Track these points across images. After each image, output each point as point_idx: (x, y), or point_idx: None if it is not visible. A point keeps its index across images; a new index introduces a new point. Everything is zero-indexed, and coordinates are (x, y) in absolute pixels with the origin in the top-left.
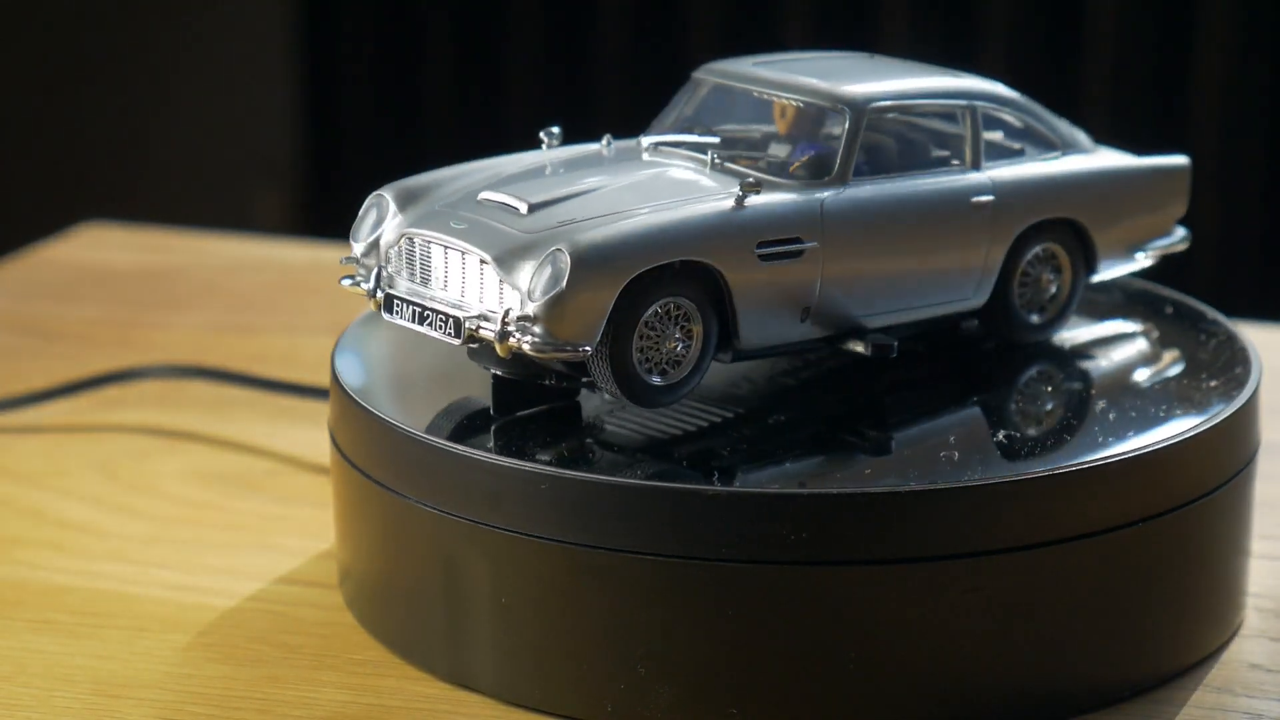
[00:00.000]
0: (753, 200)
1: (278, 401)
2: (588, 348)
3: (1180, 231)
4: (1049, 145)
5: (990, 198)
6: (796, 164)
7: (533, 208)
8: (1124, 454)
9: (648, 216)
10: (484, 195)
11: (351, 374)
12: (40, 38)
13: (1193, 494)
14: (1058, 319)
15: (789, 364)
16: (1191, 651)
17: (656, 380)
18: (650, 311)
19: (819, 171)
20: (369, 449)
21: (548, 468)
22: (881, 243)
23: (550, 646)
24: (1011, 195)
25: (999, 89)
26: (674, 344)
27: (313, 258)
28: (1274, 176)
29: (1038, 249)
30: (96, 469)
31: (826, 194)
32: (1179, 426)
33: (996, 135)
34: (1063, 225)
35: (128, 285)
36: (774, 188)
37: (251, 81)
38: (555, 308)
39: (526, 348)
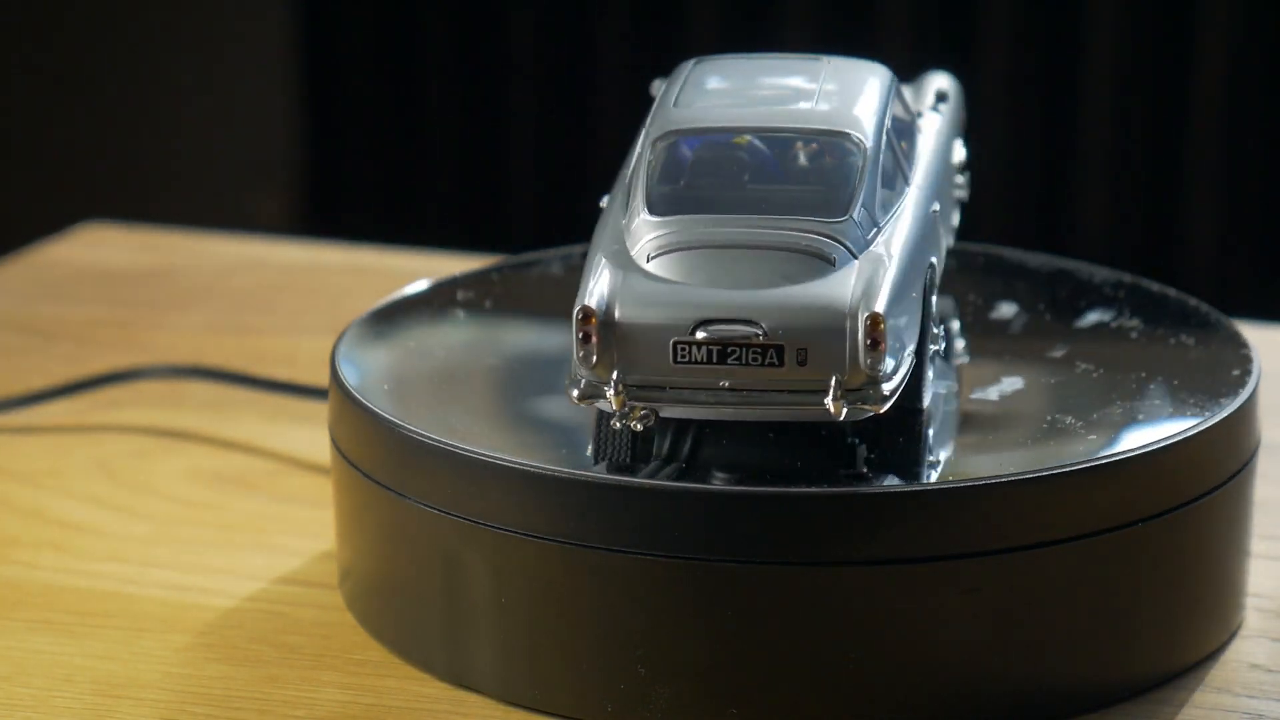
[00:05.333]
0: None
1: (278, 401)
2: None
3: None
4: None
5: None
6: None
7: None
8: (1124, 454)
9: None
10: None
11: (351, 374)
12: (40, 38)
13: (1193, 494)
14: None
15: None
16: (1191, 651)
17: None
18: None
19: None
20: (369, 449)
21: (548, 467)
22: None
23: (550, 647)
24: None
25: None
26: None
27: (312, 258)
28: (1274, 176)
29: None
30: (96, 469)
31: None
32: (1179, 426)
33: None
34: None
35: (128, 285)
36: None
37: (251, 82)
38: None
39: None
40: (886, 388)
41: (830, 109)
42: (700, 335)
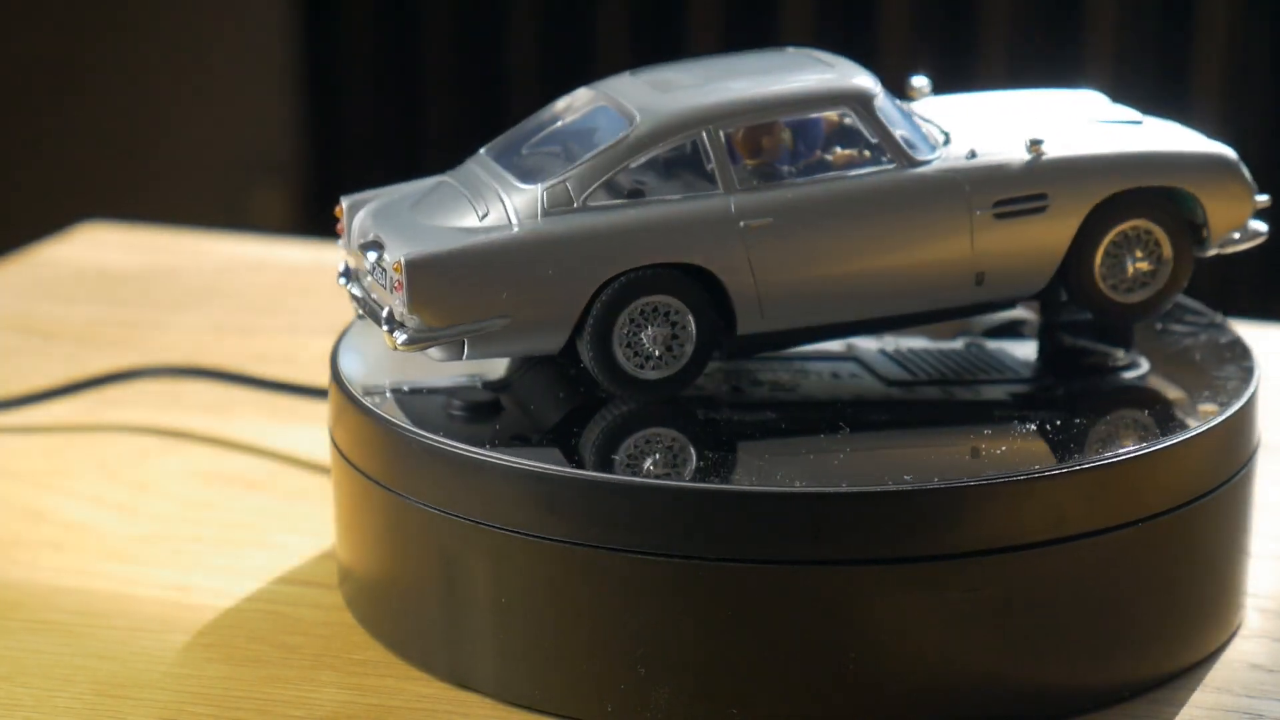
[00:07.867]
0: None
1: (278, 401)
2: None
3: None
4: None
5: None
6: None
7: None
8: (1124, 454)
9: None
10: None
11: (351, 374)
12: (40, 38)
13: (1193, 494)
14: None
15: (787, 366)
16: (1191, 651)
17: None
18: None
19: None
20: (369, 449)
21: (548, 467)
22: None
23: (550, 646)
24: None
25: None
26: None
27: (313, 258)
28: (1274, 176)
29: None
30: (96, 469)
31: None
32: (1179, 427)
33: None
34: None
35: (128, 285)
36: None
37: (251, 81)
38: None
39: None
40: (415, 334)
41: (667, 95)
42: (367, 248)
